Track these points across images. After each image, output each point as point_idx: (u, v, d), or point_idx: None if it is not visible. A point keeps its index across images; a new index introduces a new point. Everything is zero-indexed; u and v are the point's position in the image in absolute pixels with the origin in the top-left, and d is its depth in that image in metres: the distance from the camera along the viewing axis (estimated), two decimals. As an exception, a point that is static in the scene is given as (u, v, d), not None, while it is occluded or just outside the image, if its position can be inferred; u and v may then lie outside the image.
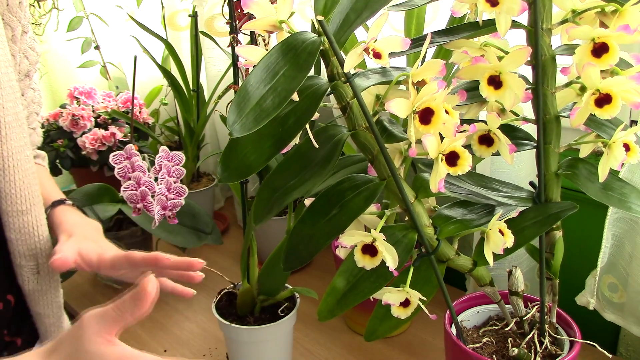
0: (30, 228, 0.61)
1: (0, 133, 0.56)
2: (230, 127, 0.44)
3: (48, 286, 0.64)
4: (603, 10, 0.53)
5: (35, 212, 0.61)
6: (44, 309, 0.65)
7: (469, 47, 0.58)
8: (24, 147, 0.59)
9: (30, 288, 0.63)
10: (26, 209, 0.60)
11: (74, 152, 1.25)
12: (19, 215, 0.59)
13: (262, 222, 0.56)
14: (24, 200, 0.59)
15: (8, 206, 0.59)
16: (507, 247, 0.57)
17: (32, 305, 0.64)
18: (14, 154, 0.58)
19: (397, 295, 0.57)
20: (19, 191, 0.59)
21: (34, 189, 0.61)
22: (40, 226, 0.62)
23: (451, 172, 0.50)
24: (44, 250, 0.63)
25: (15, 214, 0.59)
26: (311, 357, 0.89)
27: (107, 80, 1.57)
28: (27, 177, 0.60)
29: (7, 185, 0.58)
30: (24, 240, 0.61)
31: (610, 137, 0.54)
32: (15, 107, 0.58)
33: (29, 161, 0.60)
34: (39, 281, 0.63)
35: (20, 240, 0.61)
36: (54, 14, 1.40)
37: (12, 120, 0.57)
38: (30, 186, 0.60)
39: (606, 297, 0.83)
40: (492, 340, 0.66)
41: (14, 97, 0.58)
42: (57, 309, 0.66)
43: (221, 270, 0.88)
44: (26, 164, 0.60)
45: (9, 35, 0.61)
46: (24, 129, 0.60)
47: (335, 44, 0.49)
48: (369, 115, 0.51)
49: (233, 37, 0.75)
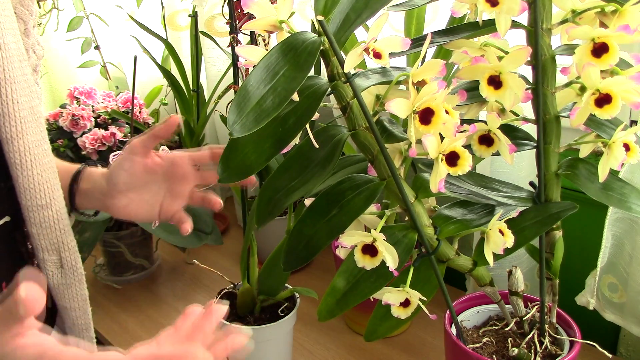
0: (52, 222, 0.61)
1: (16, 128, 0.56)
2: (230, 127, 0.44)
3: (72, 279, 0.65)
4: (603, 10, 0.53)
5: (56, 206, 0.61)
6: (70, 302, 0.65)
7: (469, 47, 0.58)
8: (41, 141, 0.59)
9: (55, 282, 0.63)
10: (46, 203, 0.60)
11: (74, 152, 1.24)
12: (39, 209, 0.59)
13: (264, 224, 0.56)
14: (43, 194, 0.59)
15: (28, 201, 0.59)
16: (507, 247, 0.57)
17: (58, 299, 0.65)
18: (31, 149, 0.58)
19: (397, 295, 0.57)
20: (37, 185, 0.59)
21: (53, 182, 0.61)
22: (61, 220, 0.62)
23: (451, 172, 0.50)
24: (67, 243, 0.63)
25: (36, 209, 0.59)
26: (311, 357, 0.89)
27: (107, 80, 1.57)
28: (46, 171, 0.60)
29: (25, 180, 0.58)
30: (45, 235, 0.61)
31: (610, 137, 0.54)
32: (30, 101, 0.58)
33: (46, 155, 0.60)
34: (63, 275, 0.64)
35: (42, 235, 0.61)
36: (54, 14, 1.40)
37: (28, 115, 0.57)
38: (49, 180, 0.60)
39: (606, 297, 0.83)
40: (492, 340, 0.66)
41: (29, 92, 0.58)
42: (83, 302, 0.67)
43: (221, 270, 0.88)
44: (44, 158, 0.59)
45: (21, 28, 0.61)
46: (40, 123, 0.60)
47: (335, 44, 0.49)
48: (369, 115, 0.51)
49: (233, 37, 0.75)
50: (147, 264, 1.18)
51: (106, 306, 1.08)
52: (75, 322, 0.66)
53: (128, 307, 1.07)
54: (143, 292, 1.13)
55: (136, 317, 1.03)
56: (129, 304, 1.08)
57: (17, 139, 0.56)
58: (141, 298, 1.10)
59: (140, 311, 1.05)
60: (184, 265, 1.22)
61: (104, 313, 1.05)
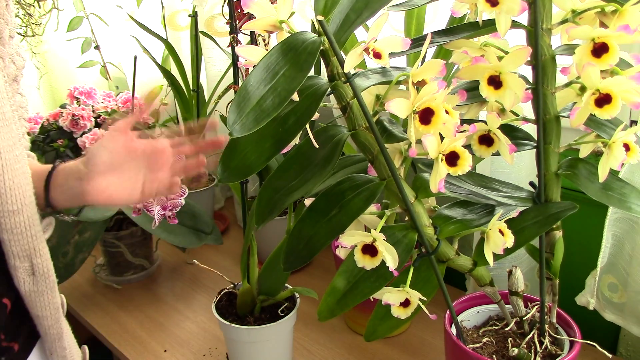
0: (23, 228, 0.60)
1: None
2: (230, 127, 0.44)
3: (44, 287, 0.64)
4: (603, 10, 0.53)
5: (28, 212, 0.60)
6: (42, 311, 0.64)
7: (469, 47, 0.58)
8: (13, 147, 0.59)
9: (27, 289, 0.62)
10: (17, 209, 0.59)
11: (74, 152, 1.24)
12: (10, 215, 0.59)
13: (264, 224, 0.56)
14: (14, 199, 0.59)
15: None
16: (507, 247, 0.57)
17: (30, 307, 0.64)
18: (2, 154, 0.57)
19: (397, 295, 0.57)
20: (9, 191, 0.58)
21: (25, 188, 0.60)
22: (33, 226, 0.61)
23: (451, 172, 0.50)
24: (38, 250, 0.62)
25: (7, 214, 0.59)
26: (311, 357, 0.89)
27: (107, 80, 1.57)
28: (17, 176, 0.59)
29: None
30: (16, 241, 0.60)
31: (610, 137, 0.54)
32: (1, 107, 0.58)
33: (18, 161, 0.60)
34: (34, 282, 0.63)
35: (13, 241, 0.60)
36: (54, 14, 1.39)
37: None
38: (20, 186, 0.59)
39: (606, 297, 0.83)
40: (492, 340, 0.66)
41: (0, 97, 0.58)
42: (55, 311, 0.66)
43: (221, 270, 0.88)
44: (15, 164, 0.59)
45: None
46: (11, 129, 0.59)
47: (335, 44, 0.49)
48: (369, 115, 0.51)
49: (233, 37, 0.75)
50: (147, 264, 1.18)
51: (106, 306, 1.08)
52: (48, 332, 0.65)
53: (128, 307, 1.07)
54: (143, 292, 1.13)
55: (136, 317, 1.03)
56: (129, 304, 1.08)
57: None
58: (141, 298, 1.10)
59: (140, 311, 1.05)
60: (184, 265, 1.22)
61: (104, 313, 1.05)
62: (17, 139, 0.60)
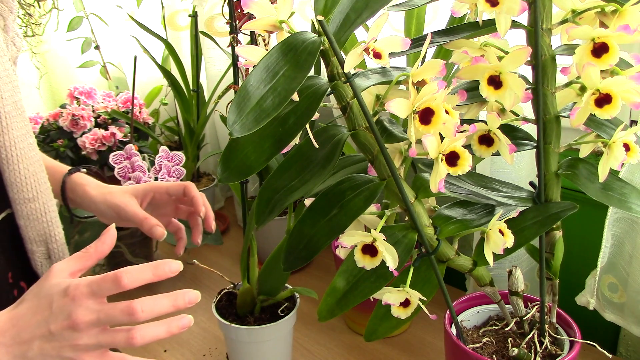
0: (39, 214, 0.62)
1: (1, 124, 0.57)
2: (230, 127, 0.44)
3: None
4: (603, 10, 0.53)
5: (43, 199, 0.62)
6: None
7: (469, 47, 0.58)
8: (26, 135, 0.61)
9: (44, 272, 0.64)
10: (33, 197, 0.61)
11: (74, 152, 1.25)
12: (26, 202, 0.61)
13: (264, 224, 0.56)
14: (30, 188, 0.61)
15: (15, 194, 0.60)
16: (507, 247, 0.57)
17: None
18: (17, 143, 0.59)
19: (397, 295, 0.57)
20: (24, 179, 0.60)
21: (40, 176, 0.62)
22: (48, 212, 0.63)
23: (451, 172, 0.50)
24: (54, 235, 0.64)
25: (23, 202, 0.61)
26: (311, 357, 0.89)
27: (107, 80, 1.57)
28: (32, 165, 0.61)
29: (12, 175, 0.59)
30: (33, 227, 0.62)
31: (610, 137, 0.54)
32: (13, 95, 0.59)
33: (32, 149, 0.61)
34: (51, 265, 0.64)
35: (29, 227, 0.62)
36: (54, 14, 1.39)
37: (12, 110, 0.58)
38: (35, 174, 0.61)
39: (606, 297, 0.83)
40: (492, 340, 0.66)
41: (12, 87, 0.59)
42: None
43: (221, 270, 0.88)
44: (30, 152, 0.61)
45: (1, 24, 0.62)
46: (24, 117, 0.61)
47: (335, 44, 0.49)
48: (369, 115, 0.51)
49: (233, 37, 0.75)
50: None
51: (106, 306, 1.08)
52: None
53: (128, 307, 1.07)
54: (143, 292, 1.12)
55: (136, 317, 1.03)
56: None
57: (3, 134, 0.57)
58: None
59: (140, 311, 1.05)
60: (184, 265, 1.22)
61: (104, 313, 1.05)
62: (29, 127, 0.62)
